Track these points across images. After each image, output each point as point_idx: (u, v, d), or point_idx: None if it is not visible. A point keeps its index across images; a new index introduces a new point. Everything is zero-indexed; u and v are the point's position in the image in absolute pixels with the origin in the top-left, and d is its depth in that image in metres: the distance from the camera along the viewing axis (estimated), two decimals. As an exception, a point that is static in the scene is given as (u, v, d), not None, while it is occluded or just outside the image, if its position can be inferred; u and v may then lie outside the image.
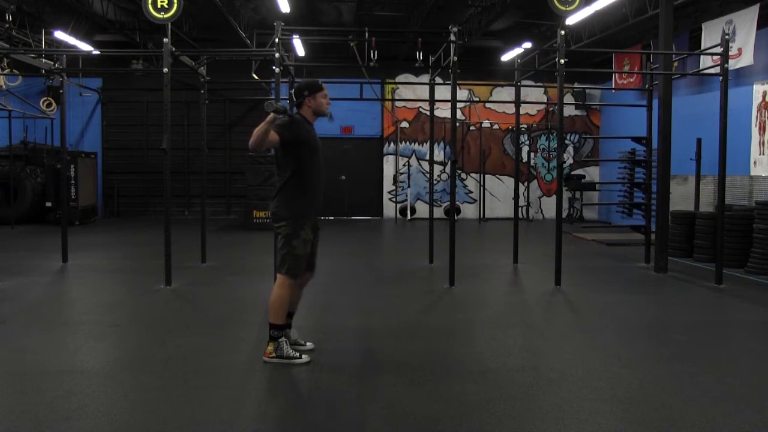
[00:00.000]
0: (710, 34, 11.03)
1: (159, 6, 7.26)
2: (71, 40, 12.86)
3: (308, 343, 4.76)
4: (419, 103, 16.47)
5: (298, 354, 4.45)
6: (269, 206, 4.62)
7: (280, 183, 4.48)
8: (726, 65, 7.68)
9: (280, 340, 4.43)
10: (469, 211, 17.59)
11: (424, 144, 17.46)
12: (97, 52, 12.44)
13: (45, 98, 15.81)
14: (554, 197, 15.44)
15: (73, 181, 14.34)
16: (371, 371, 4.40)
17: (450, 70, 7.59)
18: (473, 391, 3.95)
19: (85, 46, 13.39)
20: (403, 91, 17.11)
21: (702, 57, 11.26)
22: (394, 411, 3.64)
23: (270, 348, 4.44)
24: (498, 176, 17.61)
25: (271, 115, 4.14)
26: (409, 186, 17.34)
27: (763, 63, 10.70)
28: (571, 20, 10.84)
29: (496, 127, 17.66)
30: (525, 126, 17.12)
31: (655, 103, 8.88)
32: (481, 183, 17.24)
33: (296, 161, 4.42)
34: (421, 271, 8.68)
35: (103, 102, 17.29)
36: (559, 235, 7.58)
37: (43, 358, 4.62)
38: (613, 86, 15.10)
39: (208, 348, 4.92)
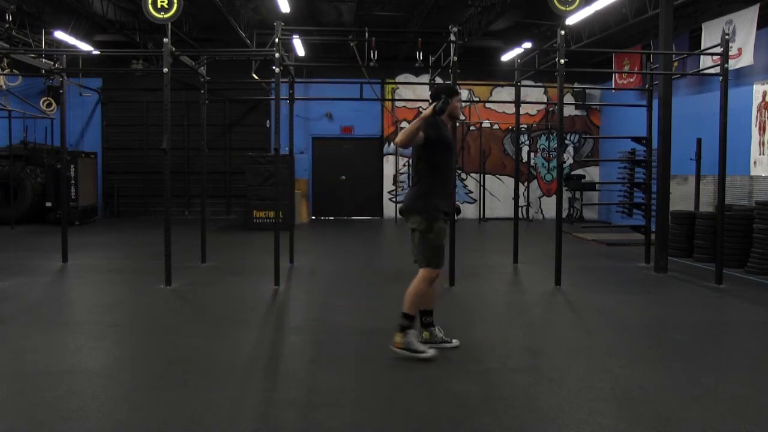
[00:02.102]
0: (710, 34, 11.03)
1: (159, 6, 7.26)
2: (71, 40, 12.86)
3: (454, 340, 4.83)
4: (419, 103, 16.45)
5: (424, 349, 4.53)
6: (405, 198, 4.73)
7: (418, 178, 4.63)
8: (726, 65, 7.68)
9: (408, 331, 4.51)
10: (469, 211, 17.59)
11: (424, 144, 17.41)
12: (97, 52, 12.46)
13: (45, 98, 15.80)
14: (554, 197, 15.44)
15: (73, 181, 14.34)
16: (371, 371, 4.40)
17: (450, 70, 7.59)
18: (473, 391, 3.95)
19: (85, 46, 13.39)
20: (403, 91, 17.11)
21: (702, 57, 11.26)
22: (394, 411, 3.64)
23: (398, 338, 4.52)
24: (498, 176, 17.61)
25: (429, 111, 4.37)
26: (409, 186, 17.31)
27: (763, 63, 10.70)
28: (571, 20, 10.83)
29: (496, 127, 17.66)
30: (525, 126, 17.12)
31: (655, 103, 8.88)
32: (481, 183, 17.24)
33: (435, 159, 4.58)
34: (421, 271, 8.67)
35: (103, 102, 17.29)
36: (559, 235, 7.58)
37: (43, 358, 4.62)
38: (613, 86, 15.10)
39: (208, 348, 4.92)
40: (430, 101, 4.72)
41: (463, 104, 16.98)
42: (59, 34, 12.55)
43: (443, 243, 4.59)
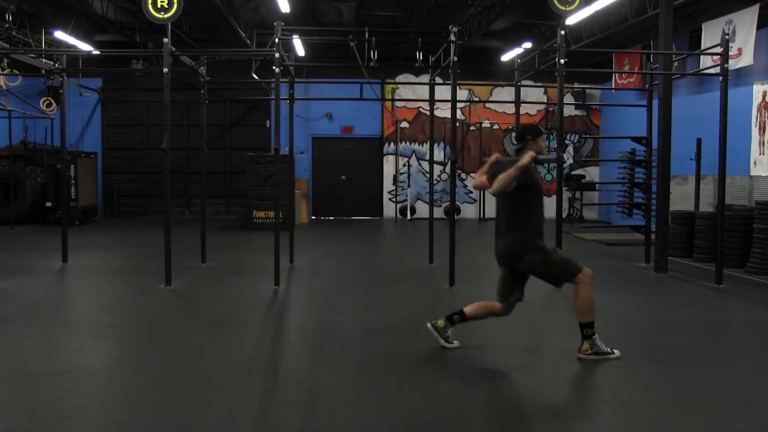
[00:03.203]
0: (710, 34, 11.03)
1: (159, 6, 7.26)
2: (71, 40, 12.85)
3: (455, 342, 4.88)
4: (419, 103, 16.45)
5: (610, 350, 4.58)
6: (498, 245, 4.83)
7: (509, 222, 4.70)
8: (726, 65, 7.68)
9: (594, 337, 4.56)
10: (469, 211, 17.59)
11: (424, 144, 17.45)
12: (97, 52, 12.46)
13: (45, 98, 15.80)
14: (554, 197, 15.42)
15: (73, 181, 14.34)
16: (371, 371, 4.40)
17: (450, 70, 7.59)
18: (473, 391, 3.95)
19: (85, 46, 13.39)
20: (403, 91, 17.10)
21: (702, 57, 11.25)
22: (394, 411, 3.64)
23: (586, 346, 4.56)
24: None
25: (526, 160, 4.40)
26: (409, 186, 17.34)
27: (763, 63, 10.70)
28: (571, 20, 10.82)
29: (496, 127, 17.65)
30: (525, 126, 17.08)
31: (655, 103, 8.87)
32: (481, 183, 17.20)
33: (526, 202, 4.65)
34: (421, 271, 8.68)
35: (103, 102, 17.28)
36: (559, 235, 7.57)
37: (43, 358, 4.62)
38: (613, 86, 15.09)
39: (208, 348, 4.92)
40: (514, 142, 4.77)
41: (464, 104, 17.00)
42: (59, 34, 12.55)
43: (562, 253, 4.63)
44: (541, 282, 7.86)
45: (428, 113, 11.05)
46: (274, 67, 7.44)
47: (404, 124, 17.45)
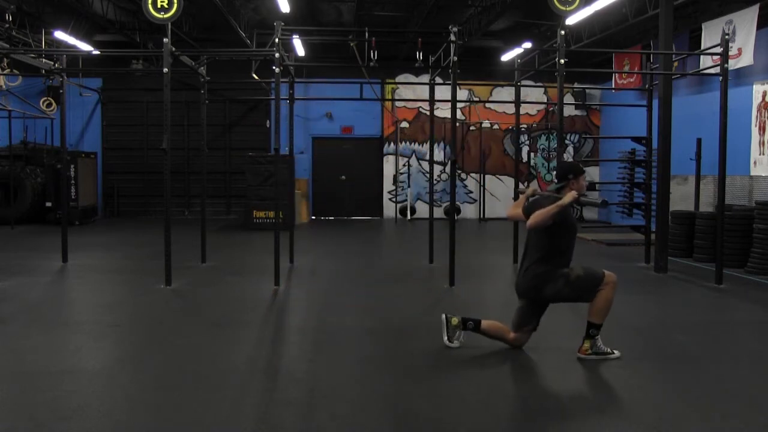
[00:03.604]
0: (710, 34, 11.03)
1: (159, 6, 7.26)
2: (71, 40, 12.86)
3: (456, 342, 4.87)
4: (419, 103, 16.45)
5: (610, 350, 4.60)
6: (520, 277, 4.73)
7: (538, 255, 4.62)
8: (726, 65, 7.68)
9: (596, 338, 4.57)
10: (469, 211, 17.59)
11: (424, 144, 17.45)
12: (97, 52, 12.46)
13: (45, 98, 15.80)
14: (554, 197, 15.41)
15: (73, 181, 14.34)
16: (371, 371, 4.40)
17: (450, 70, 7.58)
18: (473, 391, 3.95)
19: (85, 46, 13.39)
20: (403, 91, 17.10)
21: (702, 57, 11.25)
22: (394, 411, 3.64)
23: (586, 345, 4.57)
24: (498, 176, 17.60)
25: (568, 200, 4.40)
26: (409, 186, 17.34)
27: (763, 63, 10.70)
28: (571, 20, 10.83)
29: (496, 127, 17.65)
30: (525, 126, 17.11)
31: (655, 103, 8.87)
32: (481, 183, 17.24)
33: (558, 240, 4.60)
34: (421, 271, 8.68)
35: (103, 102, 17.28)
36: (559, 235, 7.56)
37: (43, 358, 4.62)
38: (613, 86, 15.09)
39: (208, 348, 4.92)
40: (557, 180, 4.76)
41: (464, 104, 17.00)
42: (59, 34, 12.55)
43: (579, 270, 4.58)
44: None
45: (428, 113, 11.05)
46: (274, 67, 7.44)
47: (404, 124, 17.46)
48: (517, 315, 4.80)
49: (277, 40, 7.47)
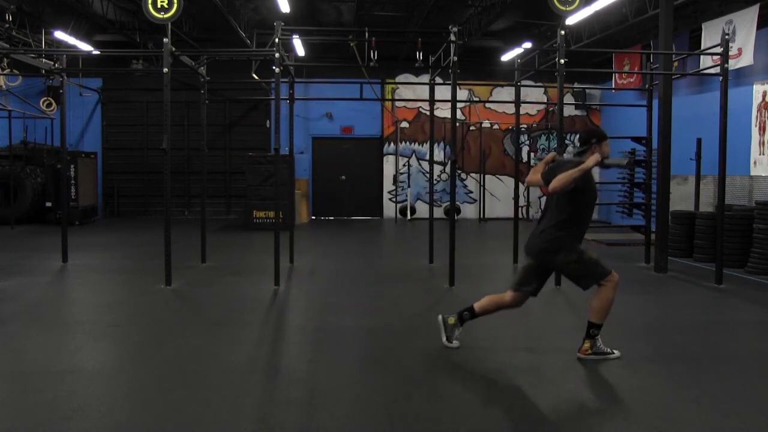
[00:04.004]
0: (710, 34, 11.03)
1: (159, 6, 7.26)
2: (71, 40, 12.86)
3: (455, 342, 4.85)
4: (419, 103, 16.46)
5: (610, 350, 4.60)
6: (535, 238, 4.68)
7: (556, 218, 4.59)
8: (726, 65, 7.68)
9: (596, 338, 4.57)
10: (469, 211, 17.59)
11: (424, 144, 17.45)
12: (97, 52, 12.46)
13: (45, 98, 15.80)
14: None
15: (73, 181, 14.34)
16: (371, 371, 4.40)
17: (450, 70, 7.58)
18: (473, 391, 3.95)
19: (85, 46, 13.39)
20: (403, 91, 17.10)
21: (702, 57, 11.25)
22: (394, 411, 3.64)
23: (586, 345, 4.58)
24: (498, 176, 17.61)
25: (591, 163, 4.37)
26: (409, 186, 17.34)
27: (763, 63, 10.70)
28: (571, 20, 10.83)
29: (496, 127, 17.65)
30: (525, 126, 17.10)
31: (655, 103, 8.87)
32: (481, 183, 17.24)
33: (579, 204, 4.57)
34: (421, 271, 8.68)
35: (103, 102, 17.28)
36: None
37: (43, 358, 4.62)
38: (613, 86, 15.09)
39: (208, 348, 4.92)
40: (579, 143, 4.71)
41: (464, 104, 17.00)
42: (59, 34, 12.55)
43: (593, 254, 4.59)
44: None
45: (428, 113, 11.06)
46: (274, 67, 7.44)
47: (404, 124, 17.45)
48: (521, 273, 4.77)
49: (277, 40, 7.47)
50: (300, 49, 14.24)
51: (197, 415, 3.56)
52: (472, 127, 17.40)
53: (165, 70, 7.31)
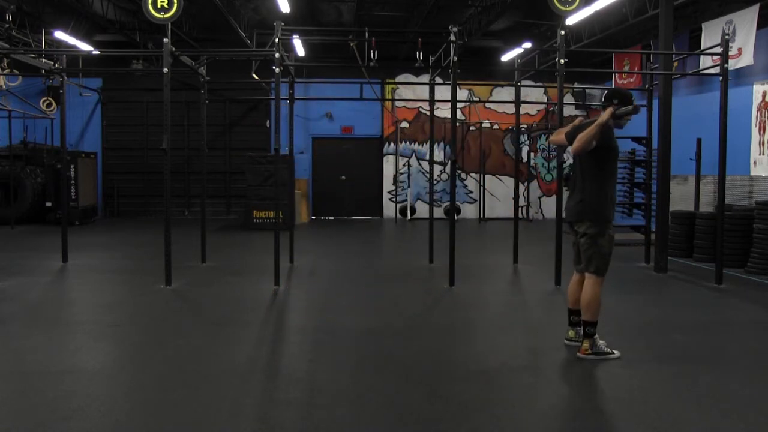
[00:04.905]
0: (710, 34, 11.03)
1: (159, 6, 7.26)
2: (71, 40, 12.86)
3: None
4: (419, 103, 16.45)
5: (610, 350, 4.60)
6: (569, 206, 4.73)
7: (582, 184, 4.61)
8: (726, 65, 7.68)
9: (595, 337, 4.58)
10: (469, 211, 17.59)
11: (424, 144, 17.45)
12: (97, 52, 12.47)
13: (45, 98, 15.80)
14: (554, 197, 15.44)
15: (73, 181, 14.34)
16: (371, 371, 4.40)
17: (450, 70, 7.59)
18: (473, 391, 3.95)
19: (85, 46, 13.39)
20: (403, 91, 17.10)
21: (702, 57, 11.26)
22: (394, 411, 3.64)
23: (586, 345, 4.58)
24: (498, 176, 17.61)
25: (606, 116, 4.36)
26: (409, 186, 17.35)
27: (763, 63, 10.70)
28: (571, 20, 10.83)
29: (496, 127, 17.65)
30: (525, 126, 17.10)
31: (655, 103, 8.88)
32: (481, 183, 17.23)
33: (604, 165, 4.58)
34: (421, 271, 8.68)
35: (103, 102, 17.28)
36: (559, 235, 7.57)
37: (43, 358, 4.62)
38: (613, 86, 15.09)
39: (208, 348, 4.92)
40: (603, 103, 4.70)
41: (464, 104, 17.00)
42: (59, 34, 12.55)
43: (611, 251, 4.59)
44: (542, 282, 7.89)
45: (428, 113, 11.06)
46: (274, 67, 7.44)
47: (404, 124, 17.45)
48: (575, 250, 4.82)
49: (277, 40, 7.48)
50: (300, 49, 14.24)
51: (197, 415, 3.56)
52: (472, 127, 17.40)
53: (165, 70, 7.31)
